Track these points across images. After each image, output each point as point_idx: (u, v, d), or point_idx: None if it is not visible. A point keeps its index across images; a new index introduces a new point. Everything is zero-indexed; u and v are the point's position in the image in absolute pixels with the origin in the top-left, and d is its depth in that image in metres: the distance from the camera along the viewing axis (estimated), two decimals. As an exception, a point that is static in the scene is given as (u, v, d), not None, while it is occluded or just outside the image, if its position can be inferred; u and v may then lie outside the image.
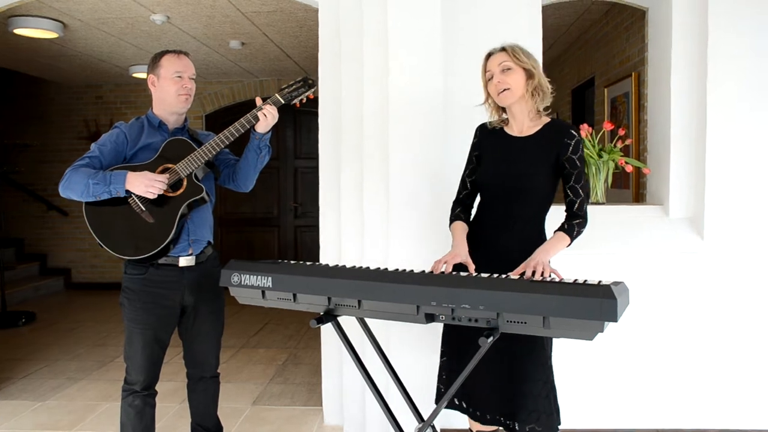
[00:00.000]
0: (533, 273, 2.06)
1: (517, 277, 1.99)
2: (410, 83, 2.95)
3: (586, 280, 1.87)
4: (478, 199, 2.45)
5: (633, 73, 4.07)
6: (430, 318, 1.92)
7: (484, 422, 2.31)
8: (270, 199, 7.89)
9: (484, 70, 2.32)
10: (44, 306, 6.86)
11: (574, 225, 2.27)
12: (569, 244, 2.27)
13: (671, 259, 3.07)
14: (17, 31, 4.88)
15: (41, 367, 4.55)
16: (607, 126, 3.28)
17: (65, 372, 4.44)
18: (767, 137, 3.03)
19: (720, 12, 3.02)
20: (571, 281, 1.86)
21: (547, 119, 2.31)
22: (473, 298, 1.83)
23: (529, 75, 2.25)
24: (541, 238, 2.33)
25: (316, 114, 3.35)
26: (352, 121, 3.18)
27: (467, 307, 1.84)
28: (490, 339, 1.82)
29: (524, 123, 2.31)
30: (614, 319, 1.71)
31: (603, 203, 3.26)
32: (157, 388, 2.55)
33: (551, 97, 2.30)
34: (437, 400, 2.38)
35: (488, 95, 2.33)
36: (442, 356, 2.41)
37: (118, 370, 4.45)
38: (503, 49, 2.27)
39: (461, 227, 2.37)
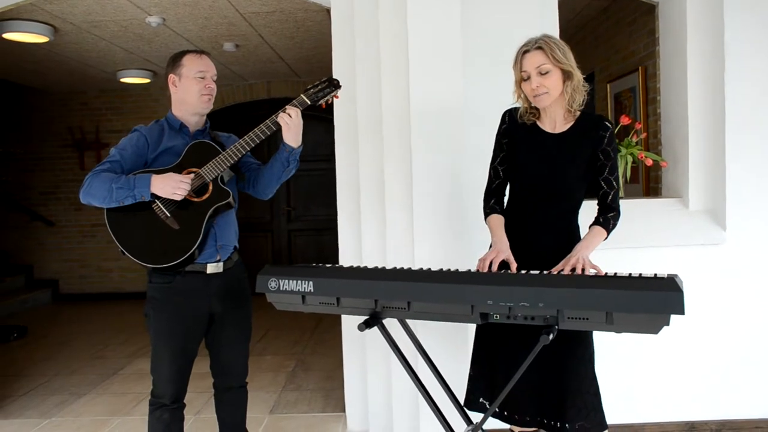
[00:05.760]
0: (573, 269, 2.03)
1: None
2: (432, 83, 2.87)
3: (641, 274, 1.84)
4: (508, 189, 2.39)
5: (639, 68, 4.08)
6: (484, 317, 1.87)
7: (524, 425, 2.26)
8: (262, 204, 7.76)
9: (519, 68, 2.18)
10: (33, 319, 6.66)
11: (609, 218, 2.24)
12: (606, 238, 2.24)
13: (694, 251, 3.06)
14: (6, 36, 4.70)
15: (41, 383, 4.40)
16: (624, 120, 3.26)
17: (66, 387, 4.29)
18: (787, 128, 3.04)
19: (735, 6, 3.02)
20: (627, 275, 1.83)
21: (578, 113, 2.26)
22: (532, 296, 1.79)
23: (567, 76, 2.15)
24: (576, 234, 2.30)
25: (309, 116, 3.26)
26: (370, 123, 3.11)
27: (526, 305, 1.79)
28: (551, 335, 1.78)
29: (557, 120, 2.25)
30: (681, 311, 1.68)
31: (622, 197, 3.24)
32: (179, 400, 2.46)
33: (585, 94, 2.22)
34: (466, 404, 2.32)
35: (521, 93, 2.23)
36: (474, 361, 2.36)
37: (123, 382, 4.33)
38: (539, 47, 2.13)
39: (499, 221, 2.30)
